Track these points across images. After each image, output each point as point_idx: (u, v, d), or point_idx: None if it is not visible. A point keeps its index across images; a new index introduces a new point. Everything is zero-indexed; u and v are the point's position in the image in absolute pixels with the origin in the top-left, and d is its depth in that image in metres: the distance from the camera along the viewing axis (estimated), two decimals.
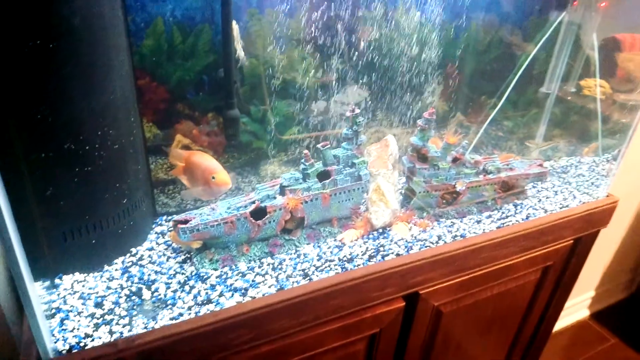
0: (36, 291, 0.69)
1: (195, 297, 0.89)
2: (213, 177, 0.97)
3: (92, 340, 0.77)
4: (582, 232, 1.37)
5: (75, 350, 0.75)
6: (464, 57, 1.31)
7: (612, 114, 1.59)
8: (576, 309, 2.64)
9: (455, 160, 1.15)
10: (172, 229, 1.06)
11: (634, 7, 1.49)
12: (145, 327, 0.81)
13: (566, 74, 1.46)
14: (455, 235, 1.13)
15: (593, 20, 1.38)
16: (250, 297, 0.89)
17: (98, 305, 0.85)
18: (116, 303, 0.86)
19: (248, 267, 0.98)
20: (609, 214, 1.41)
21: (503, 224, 1.20)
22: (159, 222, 1.11)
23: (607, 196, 1.41)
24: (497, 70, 1.39)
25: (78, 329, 0.79)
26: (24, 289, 0.66)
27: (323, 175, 1.05)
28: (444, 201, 1.19)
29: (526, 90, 1.45)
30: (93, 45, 0.79)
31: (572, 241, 1.37)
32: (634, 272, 2.82)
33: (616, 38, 1.63)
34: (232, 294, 0.90)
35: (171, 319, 0.83)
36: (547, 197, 1.36)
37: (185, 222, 0.92)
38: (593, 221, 1.37)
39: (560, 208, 1.31)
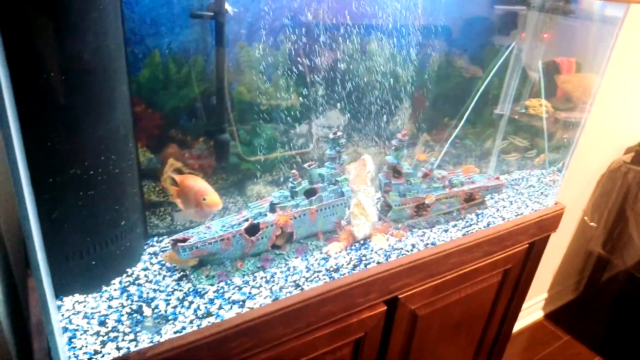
0: (57, 310, 0.72)
1: (195, 311, 0.94)
2: (204, 199, 1.02)
3: (102, 356, 0.81)
4: (536, 237, 1.53)
5: None
6: (429, 84, 1.46)
7: (555, 131, 1.79)
8: (531, 310, 2.84)
9: (425, 175, 1.27)
10: (167, 249, 1.11)
11: (566, 35, 1.72)
12: (151, 341, 0.85)
13: (517, 96, 1.65)
14: (427, 244, 1.25)
15: (538, 48, 1.58)
16: (249, 307, 0.96)
17: (102, 323, 0.89)
18: (119, 321, 0.90)
19: (243, 281, 1.04)
20: (557, 219, 1.59)
21: (467, 231, 1.33)
22: (151, 244, 1.15)
23: (555, 204, 1.59)
24: (458, 95, 1.55)
25: (87, 346, 0.83)
26: (47, 307, 0.69)
27: (310, 193, 1.14)
28: (416, 213, 1.31)
29: (483, 111, 1.62)
30: (99, 77, 0.85)
31: (527, 245, 1.53)
32: (580, 275, 3.07)
33: (555, 62, 1.84)
34: (231, 306, 0.96)
35: (175, 332, 0.88)
36: (504, 207, 1.52)
37: (184, 240, 0.98)
38: (544, 226, 1.53)
39: (516, 216, 1.46)
